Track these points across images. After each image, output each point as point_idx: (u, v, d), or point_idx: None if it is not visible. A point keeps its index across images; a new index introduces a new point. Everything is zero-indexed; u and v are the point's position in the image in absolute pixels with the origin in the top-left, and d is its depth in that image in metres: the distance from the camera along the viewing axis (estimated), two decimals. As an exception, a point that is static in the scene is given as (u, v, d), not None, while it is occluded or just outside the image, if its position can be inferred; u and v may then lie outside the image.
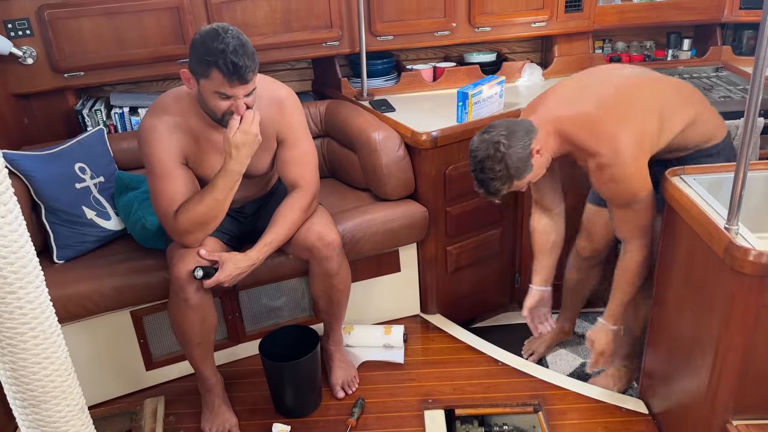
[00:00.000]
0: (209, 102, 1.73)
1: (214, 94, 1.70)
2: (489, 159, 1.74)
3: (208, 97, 1.72)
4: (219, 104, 1.72)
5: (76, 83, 2.36)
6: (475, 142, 1.79)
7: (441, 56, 2.97)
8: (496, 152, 1.73)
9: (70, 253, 2.14)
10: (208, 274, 1.79)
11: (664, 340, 1.89)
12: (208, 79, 1.67)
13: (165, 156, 1.80)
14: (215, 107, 1.73)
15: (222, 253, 1.84)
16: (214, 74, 1.65)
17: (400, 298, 2.51)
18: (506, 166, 1.74)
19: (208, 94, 1.71)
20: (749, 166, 1.43)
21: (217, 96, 1.70)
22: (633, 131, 1.74)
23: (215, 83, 1.67)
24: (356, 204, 2.36)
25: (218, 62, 1.63)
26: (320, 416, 2.08)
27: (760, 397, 1.56)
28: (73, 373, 1.30)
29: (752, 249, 1.39)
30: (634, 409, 2.04)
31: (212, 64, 1.64)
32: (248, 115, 1.73)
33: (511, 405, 2.09)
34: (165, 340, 2.21)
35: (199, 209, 1.77)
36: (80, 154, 2.20)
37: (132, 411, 2.08)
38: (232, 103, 1.71)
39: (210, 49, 1.63)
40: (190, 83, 1.75)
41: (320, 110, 2.59)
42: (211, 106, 1.74)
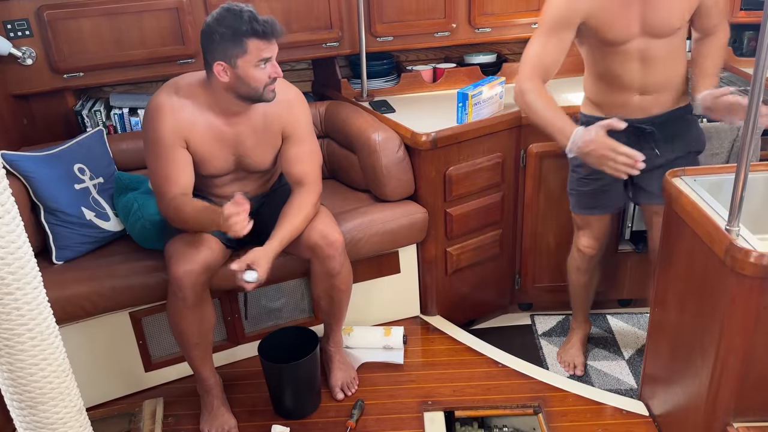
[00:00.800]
0: (251, 80, 1.77)
1: (256, 66, 1.75)
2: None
3: (250, 74, 1.76)
4: (260, 76, 1.77)
5: (75, 84, 2.36)
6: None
7: (441, 57, 2.97)
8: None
9: (69, 254, 2.13)
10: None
11: (665, 342, 1.89)
12: (246, 53, 1.73)
13: (165, 136, 1.81)
14: (258, 81, 1.77)
15: (248, 256, 1.78)
16: (251, 43, 1.72)
17: (399, 300, 2.50)
18: None
19: (249, 70, 1.75)
20: (749, 168, 1.42)
21: (257, 68, 1.75)
22: None
23: (254, 53, 1.73)
24: (356, 205, 2.35)
25: (254, 28, 1.70)
26: (319, 418, 2.07)
27: (761, 399, 1.55)
28: (71, 374, 1.29)
29: (753, 250, 1.38)
30: (634, 410, 2.04)
31: (247, 34, 1.70)
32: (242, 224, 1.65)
33: (511, 407, 2.08)
34: (164, 342, 2.20)
35: (189, 223, 1.83)
36: (79, 154, 2.20)
37: (131, 412, 2.08)
38: (271, 69, 1.77)
39: (237, 25, 1.70)
40: (226, 74, 1.77)
41: (320, 111, 2.59)
42: (252, 83, 1.77)
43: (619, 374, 2.40)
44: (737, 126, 2.22)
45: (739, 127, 2.33)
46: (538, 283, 2.70)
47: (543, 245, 2.62)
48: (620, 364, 2.46)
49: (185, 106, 1.83)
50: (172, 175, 1.83)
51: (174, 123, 1.82)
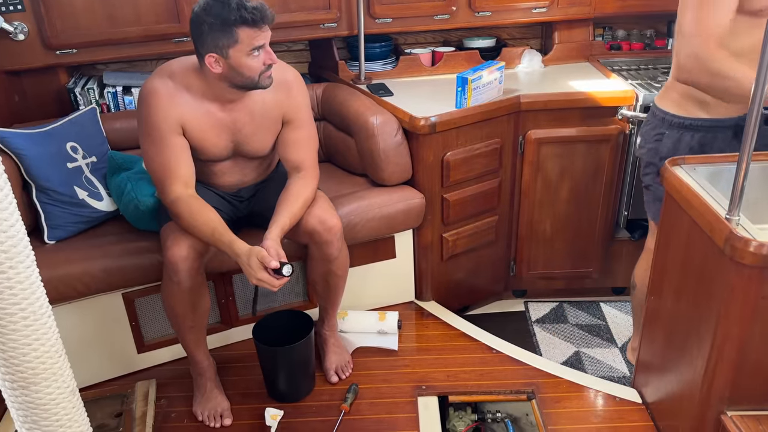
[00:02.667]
0: (245, 69, 1.71)
1: (248, 55, 1.69)
2: None
3: (243, 63, 1.70)
4: (254, 64, 1.71)
5: (68, 61, 2.32)
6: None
7: (440, 41, 2.94)
8: None
9: (61, 233, 2.11)
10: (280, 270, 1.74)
11: (660, 330, 1.89)
12: (238, 42, 1.66)
13: (162, 123, 1.77)
14: (252, 70, 1.72)
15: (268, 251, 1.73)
16: (242, 32, 1.65)
17: (395, 285, 2.50)
18: None
19: (242, 60, 1.69)
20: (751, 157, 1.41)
21: (250, 56, 1.69)
22: None
23: (246, 41, 1.67)
24: (353, 189, 2.34)
25: (243, 16, 1.63)
26: (313, 401, 2.07)
27: (756, 387, 1.56)
28: (63, 354, 1.28)
29: (753, 240, 1.38)
30: (627, 398, 2.04)
31: (237, 23, 1.64)
32: (272, 282, 1.71)
33: (504, 392, 2.09)
34: (157, 323, 2.19)
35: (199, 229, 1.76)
36: (72, 133, 2.16)
37: (123, 394, 2.07)
38: (265, 56, 1.71)
39: (225, 14, 1.63)
40: (218, 65, 1.71)
41: (317, 93, 2.56)
42: (246, 72, 1.72)
43: (612, 362, 2.41)
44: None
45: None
46: (532, 270, 2.70)
47: (539, 232, 2.62)
48: (613, 351, 2.47)
49: (181, 92, 1.78)
50: (172, 164, 1.78)
51: (170, 109, 1.77)
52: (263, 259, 1.69)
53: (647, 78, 2.59)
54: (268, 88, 1.80)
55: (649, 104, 2.39)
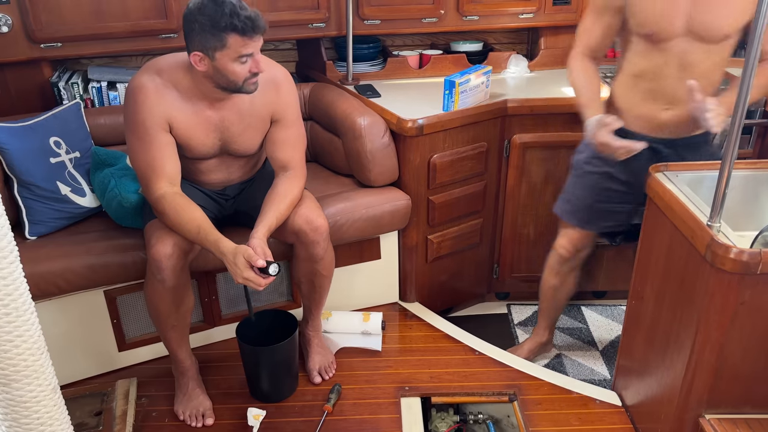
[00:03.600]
0: (229, 74, 1.69)
1: (234, 61, 1.67)
2: None
3: (229, 68, 1.68)
4: (240, 71, 1.69)
5: (52, 55, 2.28)
6: None
7: (428, 43, 2.95)
8: None
9: (43, 229, 2.08)
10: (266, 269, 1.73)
11: (641, 334, 1.92)
12: (226, 47, 1.64)
13: (148, 119, 1.75)
14: (237, 75, 1.70)
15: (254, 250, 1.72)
16: (232, 38, 1.63)
17: (379, 286, 2.50)
18: None
19: (227, 64, 1.67)
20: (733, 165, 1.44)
21: (237, 62, 1.67)
22: None
23: (234, 48, 1.64)
24: (339, 190, 2.34)
25: (233, 24, 1.61)
26: (296, 401, 2.06)
27: (733, 391, 1.59)
28: (46, 352, 1.26)
29: (733, 247, 1.40)
30: (607, 400, 2.07)
31: (228, 29, 1.61)
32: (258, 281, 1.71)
33: (486, 394, 2.10)
34: (139, 321, 2.17)
35: (184, 227, 1.75)
36: (55, 127, 2.13)
37: (103, 392, 2.04)
38: (252, 64, 1.69)
39: (217, 17, 1.61)
40: (203, 64, 1.69)
41: (304, 93, 2.56)
42: (231, 76, 1.70)
43: (594, 365, 2.44)
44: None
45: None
46: (515, 273, 2.72)
47: (522, 236, 2.64)
48: (594, 354, 2.50)
49: (168, 89, 1.77)
50: (157, 162, 1.77)
51: (157, 105, 1.75)
52: (250, 257, 1.69)
53: (631, 85, 2.63)
54: (252, 92, 1.78)
55: (633, 111, 2.43)
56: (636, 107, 1.91)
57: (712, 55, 1.79)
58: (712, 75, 1.84)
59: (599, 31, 1.91)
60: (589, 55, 1.96)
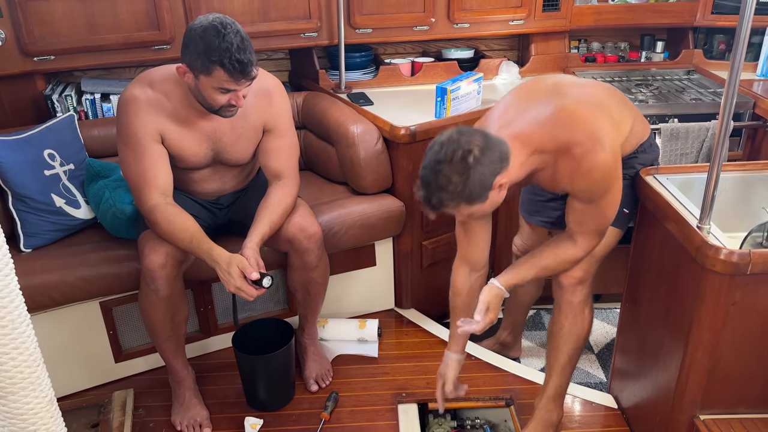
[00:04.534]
0: (207, 97, 1.71)
1: (215, 90, 1.68)
2: (450, 164, 1.38)
3: (207, 92, 1.69)
4: (219, 99, 1.70)
5: (45, 67, 2.29)
6: (443, 140, 1.42)
7: (419, 51, 2.97)
8: (463, 161, 1.38)
9: (38, 241, 2.08)
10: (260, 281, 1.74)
11: (635, 337, 1.93)
12: (210, 76, 1.64)
13: (140, 131, 1.76)
14: (214, 101, 1.71)
15: (248, 261, 1.74)
16: (218, 72, 1.63)
17: (374, 292, 2.51)
18: (465, 182, 1.39)
19: (208, 90, 1.68)
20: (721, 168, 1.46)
21: (218, 91, 1.68)
22: (607, 119, 1.58)
23: (218, 80, 1.65)
24: (333, 197, 2.35)
25: (223, 61, 1.60)
26: (293, 410, 2.06)
27: (727, 392, 1.60)
28: (42, 364, 1.26)
29: (723, 248, 1.42)
30: (603, 403, 2.08)
31: (216, 63, 1.61)
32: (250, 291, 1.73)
33: (483, 399, 2.10)
34: (135, 332, 2.17)
35: (177, 236, 1.76)
36: (50, 140, 2.14)
37: (100, 403, 2.04)
38: (232, 96, 1.69)
39: (212, 47, 1.60)
40: (185, 77, 1.71)
41: (297, 102, 2.57)
42: (209, 100, 1.71)
43: (589, 368, 2.45)
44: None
45: (709, 128, 2.40)
46: (510, 278, 2.73)
47: (517, 240, 2.65)
48: (590, 358, 2.51)
49: (160, 100, 1.78)
50: (149, 173, 1.77)
51: (149, 117, 1.76)
52: (244, 268, 1.70)
53: (621, 89, 2.66)
54: (229, 117, 1.79)
55: (624, 115, 2.45)
56: None
57: None
58: None
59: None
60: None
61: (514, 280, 1.71)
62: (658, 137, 2.41)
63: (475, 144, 1.40)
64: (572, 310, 1.82)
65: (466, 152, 1.38)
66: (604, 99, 1.68)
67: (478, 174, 1.39)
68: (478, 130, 1.46)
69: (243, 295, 1.72)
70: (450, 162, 1.38)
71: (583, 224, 1.63)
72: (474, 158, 1.38)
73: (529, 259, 1.72)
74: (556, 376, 1.88)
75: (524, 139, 1.52)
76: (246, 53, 1.62)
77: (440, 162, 1.39)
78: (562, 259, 1.69)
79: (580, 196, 1.59)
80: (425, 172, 1.43)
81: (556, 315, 1.86)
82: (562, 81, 1.73)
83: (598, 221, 1.63)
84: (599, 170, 1.52)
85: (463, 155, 1.38)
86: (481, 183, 1.40)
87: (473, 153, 1.39)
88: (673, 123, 2.42)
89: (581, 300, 1.82)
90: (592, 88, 1.71)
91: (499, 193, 1.47)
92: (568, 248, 1.67)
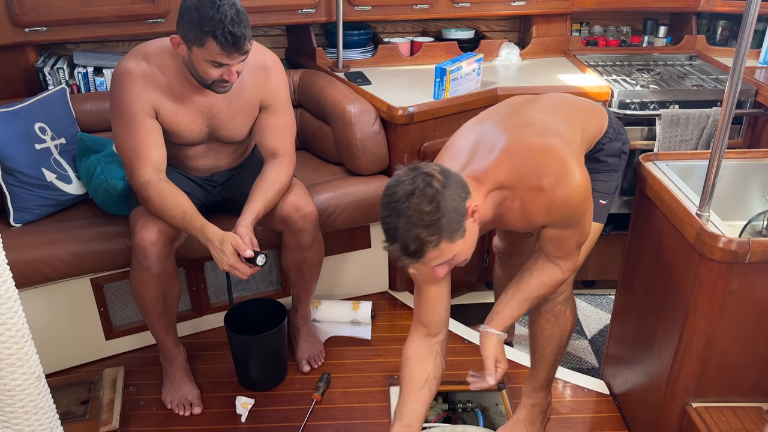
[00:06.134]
0: (200, 70, 1.67)
1: (207, 63, 1.64)
2: (417, 196, 1.20)
3: (200, 65, 1.66)
4: (211, 72, 1.66)
5: (37, 39, 2.24)
6: (397, 178, 1.25)
7: (419, 30, 2.93)
8: (427, 187, 1.21)
9: (28, 216, 2.05)
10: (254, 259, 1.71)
11: (629, 324, 1.92)
12: (203, 48, 1.61)
13: (134, 104, 1.73)
14: (206, 75, 1.68)
15: (242, 239, 1.71)
16: (210, 44, 1.59)
17: (368, 275, 2.49)
18: (438, 209, 1.21)
19: (201, 63, 1.65)
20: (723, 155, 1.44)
21: (210, 64, 1.64)
22: (569, 147, 1.45)
23: (210, 53, 1.61)
24: (328, 178, 2.32)
25: (216, 33, 1.57)
26: (285, 390, 2.06)
27: (721, 380, 1.60)
28: (30, 340, 1.25)
29: (722, 236, 1.41)
30: (595, 389, 2.08)
31: (209, 34, 1.58)
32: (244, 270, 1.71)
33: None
34: (126, 310, 2.15)
35: (169, 213, 1.74)
36: (41, 113, 2.10)
37: (90, 380, 2.03)
38: (225, 71, 1.66)
39: (206, 18, 1.56)
40: (179, 49, 1.67)
41: (294, 80, 2.53)
42: (201, 73, 1.68)
43: (582, 353, 2.45)
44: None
45: (709, 115, 2.37)
46: (505, 262, 2.72)
47: (513, 225, 2.64)
48: (583, 343, 2.51)
49: (155, 74, 1.74)
50: (142, 148, 1.75)
51: (143, 91, 1.73)
52: (238, 246, 1.68)
53: (623, 74, 2.63)
54: (222, 94, 1.76)
55: (624, 100, 2.43)
56: None
57: None
58: None
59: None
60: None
61: (508, 320, 1.59)
62: (658, 122, 2.39)
63: (432, 169, 1.25)
64: (553, 314, 1.74)
65: (429, 178, 1.22)
66: (549, 120, 1.55)
67: (449, 199, 1.23)
68: (428, 162, 1.30)
69: (236, 273, 1.70)
70: (414, 194, 1.21)
71: (563, 248, 1.52)
72: (438, 182, 1.23)
73: (514, 294, 1.59)
74: (542, 371, 1.83)
75: (481, 177, 1.38)
76: (240, 26, 1.58)
77: (404, 198, 1.21)
78: (550, 285, 1.58)
79: (557, 225, 1.47)
80: (390, 220, 1.24)
81: (536, 317, 1.76)
82: (504, 112, 1.61)
83: (579, 239, 1.52)
84: (577, 195, 1.40)
85: (426, 182, 1.22)
86: (455, 209, 1.24)
87: (435, 177, 1.23)
88: (673, 109, 2.40)
89: (562, 301, 1.73)
90: (537, 113, 1.57)
91: (474, 223, 1.31)
92: (553, 274, 1.56)
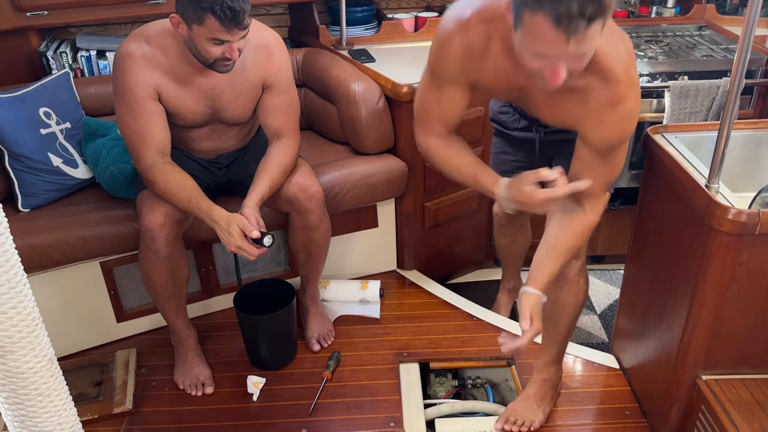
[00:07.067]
0: (201, 48, 1.66)
1: (208, 41, 1.63)
2: None
3: (201, 44, 1.64)
4: (212, 51, 1.65)
5: (39, 23, 2.24)
6: None
7: (423, 6, 2.89)
8: None
9: (36, 201, 2.06)
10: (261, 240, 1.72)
11: (639, 298, 1.92)
12: (202, 25, 1.59)
13: (136, 87, 1.72)
14: (207, 54, 1.66)
15: (248, 220, 1.72)
16: (209, 21, 1.58)
17: (377, 254, 2.49)
18: None
19: (201, 41, 1.63)
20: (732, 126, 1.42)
21: (210, 42, 1.63)
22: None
23: (210, 29, 1.59)
24: (334, 158, 2.31)
25: (214, 8, 1.55)
26: (295, 369, 2.07)
27: (730, 353, 1.59)
28: (41, 323, 1.25)
29: (732, 207, 1.39)
30: (605, 363, 2.08)
31: (207, 10, 1.56)
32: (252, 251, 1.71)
33: (484, 359, 2.11)
34: (136, 292, 2.17)
35: (174, 195, 1.74)
36: (45, 98, 2.10)
37: (103, 362, 2.05)
38: (226, 48, 1.64)
39: None
40: (179, 28, 1.66)
41: (297, 59, 2.51)
42: (202, 52, 1.66)
43: (591, 328, 2.45)
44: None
45: (719, 86, 2.34)
46: (514, 239, 2.71)
47: (520, 201, 2.62)
48: (592, 318, 2.51)
49: (157, 56, 1.73)
50: (146, 131, 1.74)
51: (145, 73, 1.72)
52: (245, 227, 1.68)
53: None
54: (225, 73, 1.74)
55: (632, 73, 2.39)
56: None
57: None
58: None
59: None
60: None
61: (546, 279, 1.53)
62: (667, 94, 2.35)
63: None
64: (567, 282, 1.72)
65: None
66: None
67: None
68: None
69: (244, 254, 1.70)
70: None
71: (594, 175, 1.42)
72: None
73: (547, 251, 1.54)
74: (554, 344, 1.83)
75: None
76: (239, 1, 1.56)
77: None
78: (580, 232, 1.51)
79: (598, 145, 1.37)
80: None
81: (551, 288, 1.67)
82: None
83: (609, 176, 1.44)
84: (633, 119, 1.32)
85: None
86: None
87: None
88: (683, 80, 2.37)
89: (576, 272, 1.72)
90: None
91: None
92: (580, 220, 1.49)
